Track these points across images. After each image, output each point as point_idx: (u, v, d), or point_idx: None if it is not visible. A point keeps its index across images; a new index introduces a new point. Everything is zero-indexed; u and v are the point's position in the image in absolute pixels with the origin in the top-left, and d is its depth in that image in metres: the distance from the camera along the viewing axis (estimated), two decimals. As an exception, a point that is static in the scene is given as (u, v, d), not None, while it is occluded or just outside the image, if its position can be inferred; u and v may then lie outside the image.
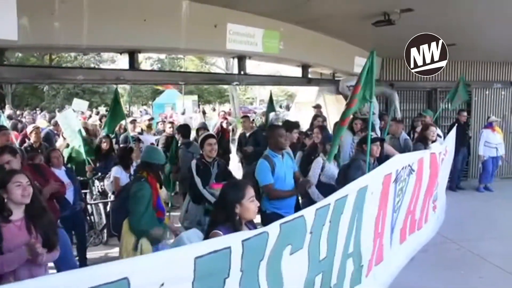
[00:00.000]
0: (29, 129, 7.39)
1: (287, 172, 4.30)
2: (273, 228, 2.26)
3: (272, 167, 4.13)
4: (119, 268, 1.66)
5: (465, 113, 9.22)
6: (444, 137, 6.81)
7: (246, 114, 10.72)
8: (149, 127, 9.89)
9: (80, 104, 17.16)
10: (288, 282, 2.46)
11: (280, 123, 8.94)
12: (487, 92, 10.68)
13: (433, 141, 5.80)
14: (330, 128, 7.05)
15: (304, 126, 7.69)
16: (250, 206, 2.50)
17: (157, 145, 7.48)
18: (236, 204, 2.47)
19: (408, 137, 6.99)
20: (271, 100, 9.26)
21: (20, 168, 3.71)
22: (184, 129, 6.83)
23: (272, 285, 2.33)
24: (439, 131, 7.04)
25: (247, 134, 7.49)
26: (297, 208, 4.37)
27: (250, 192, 2.52)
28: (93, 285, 1.52)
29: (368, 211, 3.47)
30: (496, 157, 9.37)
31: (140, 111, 27.65)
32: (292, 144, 5.42)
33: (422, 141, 5.76)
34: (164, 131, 9.29)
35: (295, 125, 6.12)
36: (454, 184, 9.20)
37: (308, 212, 2.57)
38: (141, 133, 9.05)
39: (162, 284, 1.71)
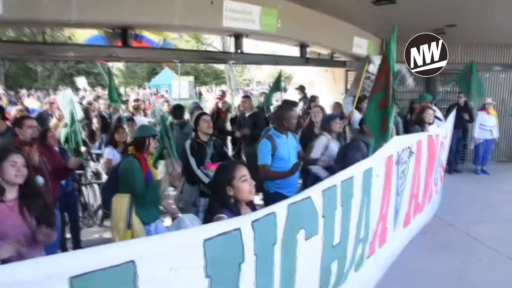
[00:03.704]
0: (13, 111, 7.28)
1: (291, 152, 4.24)
2: (280, 208, 2.17)
3: (274, 148, 4.06)
4: (125, 250, 1.54)
5: (462, 95, 9.13)
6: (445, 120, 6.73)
7: (247, 94, 10.51)
8: (137, 109, 9.77)
9: (80, 81, 17.71)
10: (301, 269, 2.38)
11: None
12: (487, 75, 10.55)
13: (430, 123, 5.72)
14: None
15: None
16: (242, 186, 2.40)
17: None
18: (227, 186, 2.39)
19: (395, 114, 6.92)
20: (278, 79, 9.10)
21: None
22: (176, 109, 6.72)
23: (286, 272, 2.25)
24: (439, 114, 6.94)
25: (246, 115, 7.36)
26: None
27: (241, 172, 2.42)
28: (97, 268, 1.41)
29: (375, 195, 3.42)
30: (491, 140, 9.35)
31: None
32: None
33: (419, 124, 5.67)
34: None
35: (294, 103, 6.04)
36: (451, 167, 9.18)
37: (315, 193, 2.48)
38: (133, 114, 8.91)
39: (173, 271, 1.62)
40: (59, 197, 4.50)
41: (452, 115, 6.61)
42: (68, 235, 5.18)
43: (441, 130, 5.76)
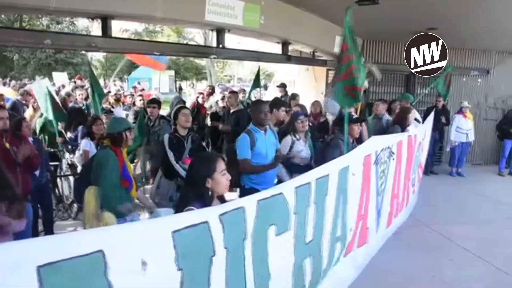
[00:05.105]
0: None
1: (269, 148, 4.22)
2: (250, 203, 2.14)
3: (253, 142, 4.04)
4: (92, 238, 1.48)
5: (441, 98, 9.29)
6: (423, 122, 6.81)
7: (234, 90, 10.50)
8: (117, 101, 9.68)
9: (59, 76, 17.19)
10: (274, 265, 2.35)
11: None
12: (464, 79, 10.77)
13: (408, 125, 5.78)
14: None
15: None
16: (221, 179, 2.39)
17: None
18: (207, 178, 2.36)
19: (390, 118, 6.86)
20: (257, 75, 9.08)
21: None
22: (159, 102, 6.70)
23: (258, 267, 2.22)
24: (417, 116, 7.03)
25: (231, 111, 7.32)
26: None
27: (221, 165, 2.41)
28: (65, 256, 1.33)
29: (352, 193, 3.42)
30: (466, 143, 9.55)
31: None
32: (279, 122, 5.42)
33: (400, 124, 5.72)
34: (134, 104, 9.08)
35: (283, 103, 6.02)
36: (427, 169, 9.32)
37: (287, 190, 2.46)
38: (113, 107, 8.81)
39: (144, 263, 1.56)
40: (33, 189, 4.39)
41: (431, 118, 6.70)
42: (41, 228, 5.06)
43: (420, 131, 5.83)
